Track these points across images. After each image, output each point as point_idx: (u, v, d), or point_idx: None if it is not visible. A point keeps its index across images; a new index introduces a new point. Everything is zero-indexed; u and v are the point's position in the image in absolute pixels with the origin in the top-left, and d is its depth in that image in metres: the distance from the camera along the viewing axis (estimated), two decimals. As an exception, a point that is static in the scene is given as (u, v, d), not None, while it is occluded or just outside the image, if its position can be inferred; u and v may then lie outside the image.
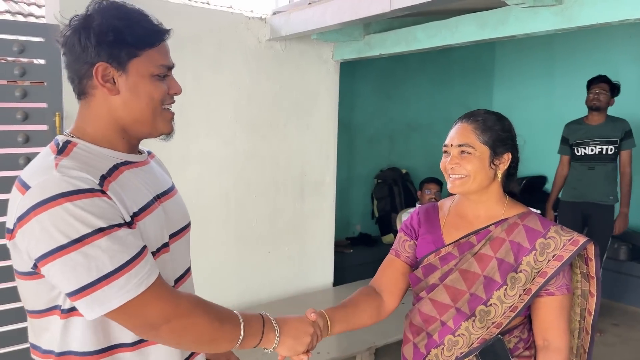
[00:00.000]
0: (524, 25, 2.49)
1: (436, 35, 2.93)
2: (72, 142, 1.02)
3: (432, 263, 1.44)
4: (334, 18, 2.84)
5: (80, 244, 0.89)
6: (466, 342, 1.36)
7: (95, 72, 1.00)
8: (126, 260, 0.92)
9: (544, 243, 1.34)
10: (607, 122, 3.76)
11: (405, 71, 5.43)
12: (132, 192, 1.01)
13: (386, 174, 5.26)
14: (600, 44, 5.04)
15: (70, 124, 2.58)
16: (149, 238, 1.02)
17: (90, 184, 0.93)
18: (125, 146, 1.08)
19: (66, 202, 0.89)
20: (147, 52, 1.03)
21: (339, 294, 3.82)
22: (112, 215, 0.93)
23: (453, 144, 1.40)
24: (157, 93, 1.05)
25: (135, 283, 0.92)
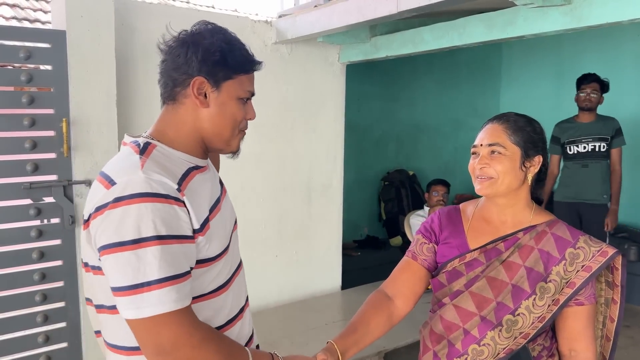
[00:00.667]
0: (533, 25, 2.46)
1: (443, 37, 2.91)
2: (152, 144, 1.09)
3: (457, 269, 1.39)
4: (340, 20, 2.82)
5: (136, 245, 0.94)
6: (492, 352, 1.32)
7: (193, 84, 1.09)
8: (172, 274, 0.96)
9: (574, 253, 1.32)
10: (598, 120, 3.78)
11: (412, 73, 5.41)
12: (204, 194, 1.10)
13: (393, 176, 5.24)
14: (608, 44, 5.00)
15: (78, 130, 2.60)
16: (220, 236, 1.11)
17: (168, 190, 0.99)
18: (199, 152, 1.16)
19: (142, 202, 0.95)
20: (240, 77, 1.13)
21: (347, 298, 3.81)
22: (177, 225, 0.99)
23: (483, 144, 1.35)
24: (239, 114, 1.14)
25: (173, 298, 0.96)
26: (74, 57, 2.59)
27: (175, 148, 1.11)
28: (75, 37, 2.59)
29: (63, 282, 2.70)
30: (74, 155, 2.64)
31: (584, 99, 3.73)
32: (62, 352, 2.73)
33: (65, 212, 2.65)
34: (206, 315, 1.10)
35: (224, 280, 1.15)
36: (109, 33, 2.68)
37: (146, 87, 2.96)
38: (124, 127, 2.87)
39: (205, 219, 1.06)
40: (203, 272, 1.08)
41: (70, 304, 2.72)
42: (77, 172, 2.66)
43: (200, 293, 1.09)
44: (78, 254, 2.69)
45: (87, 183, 2.66)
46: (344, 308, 3.66)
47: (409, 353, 3.26)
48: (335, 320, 3.33)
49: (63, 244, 2.68)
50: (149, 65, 2.96)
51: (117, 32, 2.75)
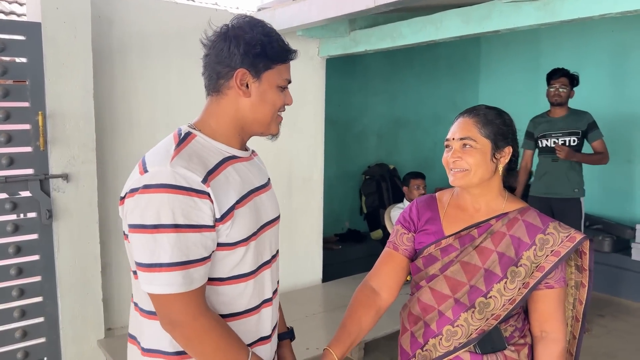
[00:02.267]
0: (507, 20, 2.50)
1: (421, 31, 2.94)
2: (193, 134, 1.17)
3: (433, 254, 1.44)
4: (319, 14, 2.83)
5: (155, 230, 1.04)
6: (465, 332, 1.37)
7: (236, 75, 1.16)
8: (182, 260, 1.05)
9: (544, 239, 1.37)
10: (569, 115, 3.81)
11: (393, 67, 5.45)
12: (233, 185, 1.15)
13: (374, 170, 5.27)
14: (584, 39, 5.10)
15: (54, 124, 2.58)
16: (244, 225, 1.15)
17: (191, 183, 1.06)
18: (237, 142, 1.23)
19: (165, 193, 1.04)
20: (278, 67, 1.20)
21: (328, 290, 3.84)
22: (197, 216, 1.06)
23: (455, 138, 1.41)
24: (279, 101, 1.22)
25: (180, 282, 1.05)
26: (50, 50, 2.57)
27: (215, 138, 1.18)
28: (51, 29, 2.56)
29: (40, 277, 2.68)
30: (50, 149, 2.62)
31: (553, 94, 3.78)
32: (40, 348, 2.71)
33: (42, 207, 2.63)
34: (223, 300, 1.17)
35: (248, 270, 1.19)
36: (85, 25, 2.65)
37: (124, 80, 2.94)
38: (102, 121, 2.85)
39: (229, 208, 1.12)
40: (223, 256, 1.14)
41: (48, 299, 2.70)
42: (54, 166, 2.64)
43: (220, 276, 1.16)
44: (55, 248, 2.68)
45: (64, 177, 2.64)
46: (325, 300, 3.69)
47: (387, 344, 3.31)
48: (316, 313, 3.36)
49: (40, 239, 2.66)
50: (127, 57, 2.94)
51: (93, 25, 2.73)
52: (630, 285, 4.38)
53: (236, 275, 1.17)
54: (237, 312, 1.19)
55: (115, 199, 2.96)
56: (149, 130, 3.03)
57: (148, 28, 2.96)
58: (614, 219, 4.85)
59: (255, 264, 1.21)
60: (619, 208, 4.93)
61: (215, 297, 1.16)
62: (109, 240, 2.94)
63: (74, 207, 2.71)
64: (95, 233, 2.78)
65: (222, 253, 1.14)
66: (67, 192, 2.68)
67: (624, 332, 3.82)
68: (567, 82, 3.75)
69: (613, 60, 4.93)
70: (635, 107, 4.78)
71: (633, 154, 4.86)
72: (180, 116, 3.12)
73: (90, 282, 2.79)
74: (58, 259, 2.69)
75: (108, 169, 2.93)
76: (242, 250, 1.16)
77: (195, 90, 3.13)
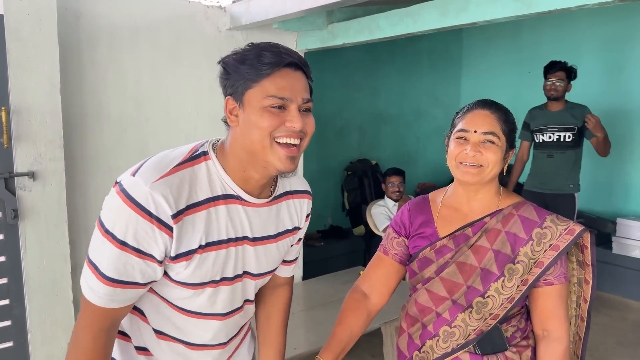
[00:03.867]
0: (485, 12, 2.46)
1: (398, 23, 2.88)
2: (207, 156, 1.09)
3: (428, 257, 1.41)
4: (294, 5, 2.76)
5: (106, 234, 1.00)
6: (463, 333, 1.34)
7: (225, 105, 1.08)
8: (114, 277, 1.01)
9: (541, 233, 1.32)
10: (566, 109, 3.75)
11: (374, 62, 5.40)
12: (208, 226, 1.06)
13: (356, 165, 5.23)
14: (565, 32, 5.09)
15: (19, 120, 2.49)
16: (200, 271, 1.08)
17: (159, 212, 0.99)
18: (245, 182, 1.10)
19: (130, 208, 0.98)
20: (261, 83, 1.03)
21: (308, 288, 3.78)
22: (148, 244, 1.00)
23: (477, 131, 1.32)
24: (264, 123, 1.03)
25: (99, 296, 1.02)
26: (13, 43, 2.46)
27: (226, 170, 1.09)
28: (14, 21, 2.46)
29: (7, 278, 2.58)
30: (15, 146, 2.52)
31: (550, 88, 3.72)
32: (8, 352, 2.62)
33: (7, 206, 2.53)
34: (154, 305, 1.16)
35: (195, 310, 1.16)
36: (50, 18, 2.55)
37: (93, 75, 2.84)
38: (69, 116, 2.76)
39: (186, 252, 1.05)
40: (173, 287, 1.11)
41: (15, 302, 2.61)
42: (20, 164, 2.54)
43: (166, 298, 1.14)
44: (22, 249, 2.58)
45: (30, 175, 2.55)
46: (305, 298, 3.63)
47: (368, 341, 3.27)
48: (295, 311, 3.30)
49: (6, 240, 2.57)
50: (96, 51, 2.84)
51: (60, 17, 2.63)
52: (611, 279, 4.39)
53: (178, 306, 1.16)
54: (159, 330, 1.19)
55: (85, 196, 2.87)
56: (120, 126, 2.94)
57: (118, 20, 2.87)
58: (595, 213, 4.86)
59: (205, 309, 1.17)
60: (601, 202, 4.95)
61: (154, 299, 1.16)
62: (79, 240, 2.85)
63: (41, 206, 2.61)
64: (64, 233, 2.69)
65: (173, 285, 1.11)
66: (33, 191, 2.59)
67: (606, 326, 3.82)
68: (564, 75, 3.69)
69: (594, 54, 4.93)
70: (616, 100, 4.79)
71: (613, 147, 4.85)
72: (152, 111, 3.04)
73: (60, 283, 2.70)
74: (25, 260, 2.59)
75: (77, 166, 2.84)
76: (196, 293, 1.12)
77: (166, 84, 3.05)
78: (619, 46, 4.75)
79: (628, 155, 4.78)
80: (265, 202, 1.16)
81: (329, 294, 3.57)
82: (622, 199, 4.85)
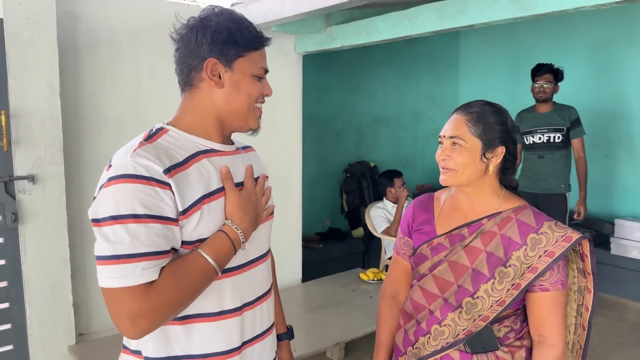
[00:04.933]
0: (483, 14, 2.48)
1: (396, 26, 2.90)
2: (165, 129, 1.13)
3: (424, 253, 1.43)
4: (292, 9, 2.78)
5: (114, 221, 0.99)
6: (452, 332, 1.35)
7: (206, 66, 1.11)
8: (143, 251, 0.99)
9: (536, 238, 1.31)
10: (554, 111, 3.80)
11: (372, 64, 5.41)
12: (203, 179, 1.09)
13: (354, 167, 5.23)
14: (562, 34, 5.11)
15: (19, 124, 2.49)
16: (212, 221, 1.09)
17: (152, 172, 1.01)
18: (217, 136, 1.17)
19: (124, 183, 1.00)
20: (251, 54, 1.15)
21: (307, 290, 3.79)
22: (157, 206, 1.01)
23: (446, 135, 1.38)
24: (255, 91, 1.16)
25: (137, 273, 0.98)
26: (13, 47, 2.47)
27: (192, 132, 1.14)
28: (13, 25, 2.47)
29: (7, 282, 2.59)
30: (15, 150, 2.53)
31: (538, 91, 3.76)
32: (8, 355, 2.62)
33: (7, 210, 2.54)
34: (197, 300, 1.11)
35: (228, 266, 1.13)
36: (50, 22, 2.56)
37: (91, 78, 2.85)
38: (69, 120, 2.77)
39: (193, 203, 1.06)
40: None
41: (15, 305, 2.61)
42: (19, 168, 2.54)
43: None
44: (22, 252, 2.59)
45: (29, 178, 2.55)
46: (304, 300, 3.64)
47: (369, 343, 3.27)
48: (295, 313, 3.31)
49: (5, 243, 2.57)
50: (94, 55, 2.85)
51: (59, 21, 2.64)
52: (609, 279, 4.40)
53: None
54: (210, 312, 1.12)
55: (84, 200, 2.87)
56: (118, 129, 2.95)
57: (116, 24, 2.88)
58: (593, 214, 4.87)
59: (233, 263, 1.14)
60: (598, 203, 4.96)
61: None
62: (78, 243, 2.86)
63: (41, 209, 2.62)
64: (64, 236, 2.70)
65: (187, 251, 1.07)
66: (33, 194, 2.59)
67: (604, 327, 3.83)
68: (551, 78, 3.74)
69: (592, 56, 4.95)
70: (614, 102, 4.81)
71: (611, 148, 4.89)
72: (151, 113, 3.05)
73: (60, 287, 2.71)
74: (25, 263, 2.60)
75: (76, 170, 2.85)
76: None
77: (165, 87, 3.06)
78: (615, 48, 4.77)
79: (625, 156, 4.80)
80: (234, 150, 1.23)
81: (328, 296, 3.57)
82: (620, 199, 4.87)
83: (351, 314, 3.26)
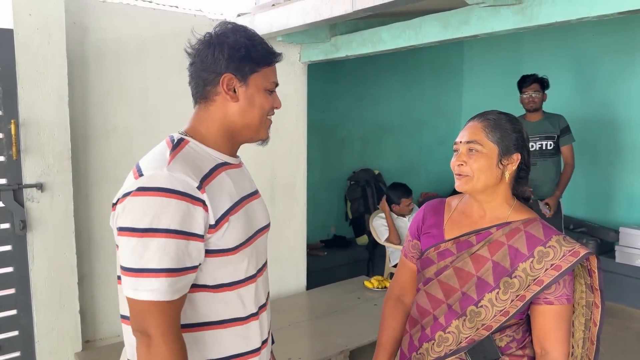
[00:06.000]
0: (486, 24, 2.50)
1: (400, 36, 2.92)
2: (185, 139, 1.17)
3: (430, 257, 1.45)
4: (298, 19, 2.81)
5: (146, 233, 1.02)
6: (455, 340, 1.36)
7: (222, 81, 1.16)
8: (171, 267, 1.03)
9: (543, 251, 1.32)
10: (544, 119, 3.87)
11: (376, 73, 5.44)
12: (226, 191, 1.15)
13: (359, 175, 5.25)
14: (565, 43, 5.13)
15: (28, 132, 2.53)
16: (239, 231, 1.15)
17: (187, 188, 1.06)
18: (227, 148, 1.22)
19: (160, 196, 1.03)
20: (264, 70, 1.20)
21: (312, 298, 3.80)
22: (189, 223, 1.05)
23: (462, 141, 1.39)
24: (267, 104, 1.22)
25: (164, 290, 1.03)
26: (22, 57, 2.51)
27: (207, 144, 1.19)
28: (23, 36, 2.51)
29: (14, 289, 2.62)
30: (24, 158, 2.56)
31: (528, 101, 3.84)
32: (15, 362, 2.64)
33: (15, 217, 2.57)
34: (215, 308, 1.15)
35: (243, 276, 1.19)
36: (59, 32, 2.60)
37: (99, 87, 2.89)
38: (77, 129, 2.80)
39: (223, 214, 1.11)
40: (220, 262, 1.13)
41: (23, 312, 2.64)
42: (28, 176, 2.58)
43: (215, 283, 1.14)
44: (30, 259, 2.61)
45: (38, 186, 2.58)
46: (309, 308, 3.65)
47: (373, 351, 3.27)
48: (299, 321, 3.32)
49: (14, 250, 2.60)
50: (102, 65, 2.89)
51: (68, 32, 2.68)
52: (614, 288, 4.39)
53: (230, 283, 1.17)
54: (232, 318, 1.18)
55: (92, 208, 2.90)
56: (126, 138, 2.98)
57: (124, 34, 2.92)
58: (597, 222, 4.87)
59: (250, 271, 1.21)
60: (603, 211, 4.96)
61: (208, 305, 1.14)
62: (86, 251, 2.88)
63: (49, 217, 2.65)
64: (71, 243, 2.72)
65: (218, 260, 1.13)
66: (41, 202, 2.62)
67: (609, 335, 3.82)
68: (538, 87, 3.82)
69: (595, 64, 4.96)
70: (617, 110, 4.82)
71: (615, 156, 4.89)
72: (158, 122, 3.08)
73: (67, 294, 2.73)
74: (33, 270, 2.62)
75: (84, 178, 2.88)
76: (239, 257, 1.16)
77: (172, 97, 3.09)
78: (620, 56, 4.78)
79: (630, 164, 4.80)
80: (239, 163, 1.30)
81: (333, 304, 3.58)
82: (625, 207, 4.86)
83: (356, 322, 3.27)
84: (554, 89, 4.10)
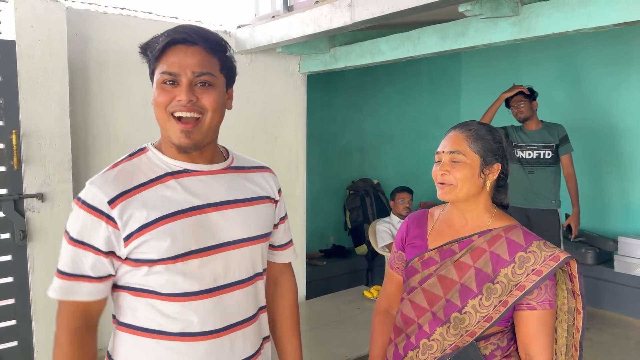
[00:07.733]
0: (484, 36, 2.53)
1: (399, 47, 2.95)
2: (145, 149, 1.19)
3: (414, 266, 1.46)
4: (297, 31, 2.84)
5: (64, 234, 1.12)
6: (440, 347, 1.37)
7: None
8: (66, 271, 1.10)
9: (524, 257, 1.34)
10: (543, 128, 3.91)
11: (375, 83, 5.48)
12: (153, 205, 1.10)
13: (358, 185, 5.27)
14: (562, 54, 5.18)
15: (29, 143, 2.55)
16: (166, 243, 1.08)
17: (96, 202, 1.08)
18: (182, 155, 1.16)
19: (76, 205, 1.10)
20: (160, 62, 1.13)
21: (311, 307, 3.79)
22: (89, 235, 1.08)
23: (445, 151, 1.42)
24: (159, 98, 1.12)
25: (57, 290, 1.11)
26: (24, 68, 2.53)
27: (164, 152, 1.17)
28: (26, 47, 2.53)
29: (14, 299, 2.61)
30: (24, 168, 2.57)
31: (517, 112, 3.90)
32: (14, 373, 2.63)
33: (15, 227, 2.57)
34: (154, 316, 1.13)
35: (187, 290, 1.11)
36: (61, 43, 2.62)
37: (100, 98, 2.91)
38: (78, 139, 2.81)
39: (137, 229, 1.08)
40: (147, 271, 1.11)
41: (22, 322, 2.63)
42: (29, 186, 2.58)
43: (157, 290, 1.12)
44: (30, 270, 2.61)
45: (39, 196, 2.59)
46: (308, 318, 3.64)
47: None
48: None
49: (14, 260, 2.60)
50: (104, 75, 2.91)
51: (70, 43, 2.70)
52: (613, 297, 4.40)
53: (174, 294, 1.11)
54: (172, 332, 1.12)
55: (93, 218, 2.90)
56: (126, 148, 2.94)
57: (125, 45, 2.94)
58: (596, 232, 4.88)
59: (195, 287, 1.12)
60: (601, 220, 4.97)
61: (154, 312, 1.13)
62: (85, 261, 2.88)
63: (49, 227, 2.65)
64: (71, 253, 2.72)
65: (147, 269, 1.10)
66: (42, 212, 2.63)
67: (609, 345, 3.82)
68: (522, 97, 3.87)
69: (592, 75, 5.00)
70: (614, 120, 4.85)
71: (613, 166, 4.91)
72: (159, 133, 3.08)
73: (66, 304, 2.72)
74: (32, 280, 2.62)
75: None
76: (174, 268, 1.09)
77: (174, 108, 3.10)
78: (617, 67, 4.82)
79: (628, 174, 4.82)
80: (220, 169, 1.22)
81: (333, 314, 3.58)
82: (623, 217, 4.88)
83: (355, 332, 3.26)
84: (550, 100, 4.14)
